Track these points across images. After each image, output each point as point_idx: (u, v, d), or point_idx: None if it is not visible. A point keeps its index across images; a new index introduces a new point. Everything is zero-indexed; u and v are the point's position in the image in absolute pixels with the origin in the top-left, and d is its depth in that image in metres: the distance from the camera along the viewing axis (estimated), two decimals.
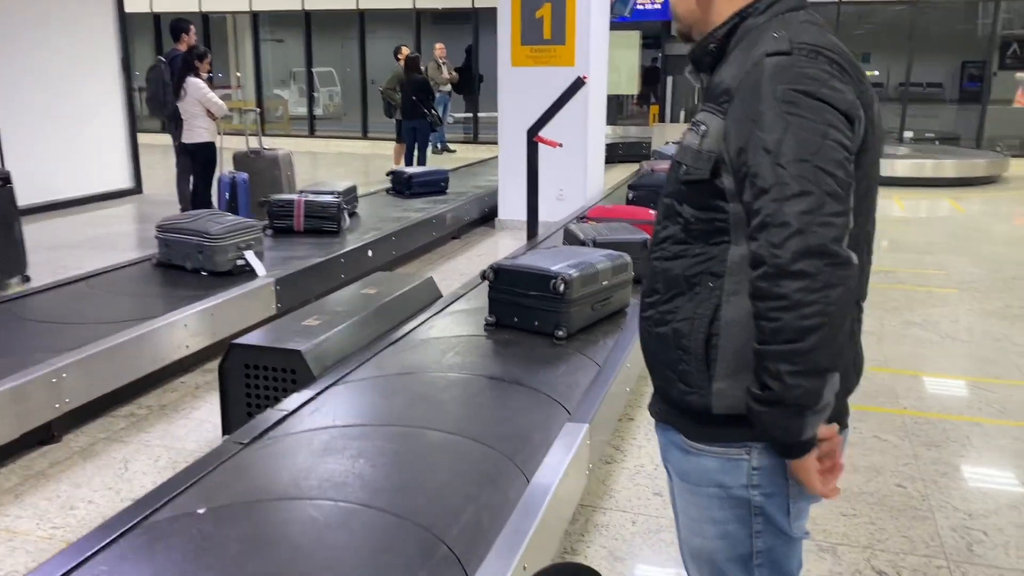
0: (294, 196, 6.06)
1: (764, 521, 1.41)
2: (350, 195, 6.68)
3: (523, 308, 3.58)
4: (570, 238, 4.65)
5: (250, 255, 4.86)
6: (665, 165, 7.26)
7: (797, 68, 1.27)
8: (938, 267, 6.46)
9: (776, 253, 1.21)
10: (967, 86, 14.50)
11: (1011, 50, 14.30)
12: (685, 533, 1.53)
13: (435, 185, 8.05)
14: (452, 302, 4.19)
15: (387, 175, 8.26)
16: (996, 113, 13.81)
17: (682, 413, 1.43)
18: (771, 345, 1.23)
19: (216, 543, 2.05)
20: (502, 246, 7.39)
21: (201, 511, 2.17)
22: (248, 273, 4.81)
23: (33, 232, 7.72)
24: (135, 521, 2.14)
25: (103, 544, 2.04)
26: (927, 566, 2.59)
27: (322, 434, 2.64)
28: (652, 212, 5.26)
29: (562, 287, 3.44)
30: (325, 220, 5.95)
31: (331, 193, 6.21)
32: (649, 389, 1.55)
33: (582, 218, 5.59)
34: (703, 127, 1.35)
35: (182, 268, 4.89)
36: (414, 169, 8.08)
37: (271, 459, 2.52)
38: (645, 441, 3.45)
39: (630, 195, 6.46)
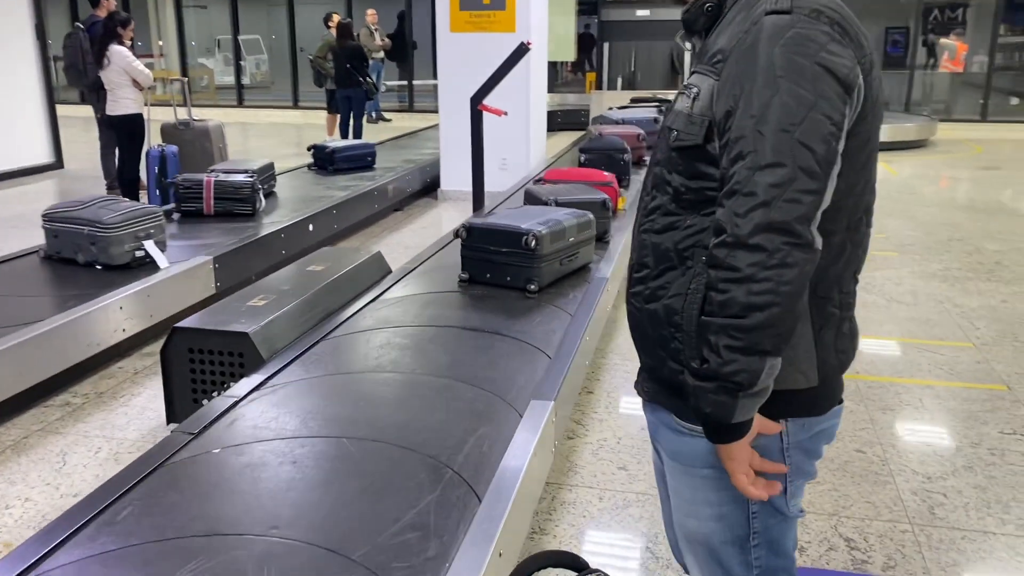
0: (202, 176, 5.49)
1: (760, 501, 1.36)
2: (266, 174, 6.16)
3: (495, 264, 3.75)
4: (531, 199, 4.71)
5: (150, 245, 4.34)
6: (613, 129, 7.39)
7: (796, 29, 1.20)
8: (878, 230, 6.56)
9: (737, 223, 1.16)
10: (891, 51, 14.82)
11: (933, 16, 14.66)
12: (678, 516, 1.48)
13: (360, 160, 7.53)
14: (424, 261, 4.32)
15: (308, 149, 7.74)
16: (921, 78, 14.16)
17: (673, 392, 1.36)
18: (716, 317, 1.19)
19: (175, 542, 1.92)
20: (446, 217, 7.26)
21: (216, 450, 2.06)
22: (151, 264, 4.46)
23: None
24: (85, 519, 2.00)
25: (49, 548, 1.90)
26: (892, 531, 2.62)
27: (272, 424, 2.52)
28: (606, 174, 5.40)
29: (533, 243, 3.63)
30: (238, 202, 5.41)
31: (244, 172, 5.66)
32: (605, 362, 1.49)
33: (539, 180, 5.62)
34: (695, 89, 1.28)
35: (74, 262, 4.31)
36: (337, 143, 7.56)
37: (224, 446, 2.39)
38: (606, 415, 3.41)
39: (582, 158, 6.53)
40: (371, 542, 1.91)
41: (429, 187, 8.03)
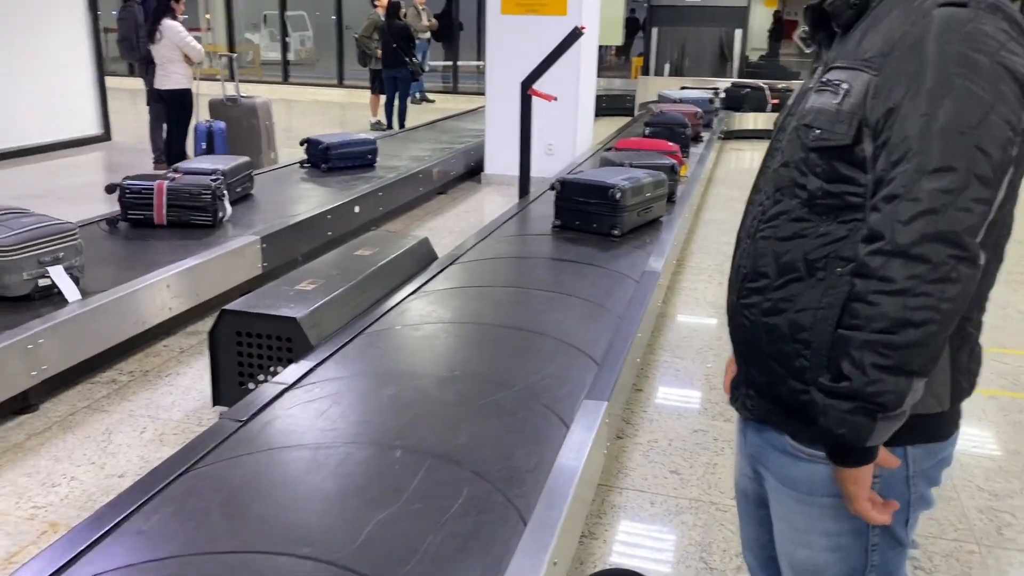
0: (151, 181, 4.57)
1: (882, 532, 1.28)
2: (239, 174, 5.21)
3: (584, 213, 4.40)
4: (608, 163, 5.28)
5: (58, 272, 3.42)
6: (673, 107, 7.92)
7: (974, 24, 1.10)
8: None
9: (898, 230, 1.07)
10: None
11: None
12: (784, 545, 1.39)
13: (359, 158, 6.56)
14: (518, 211, 5.00)
15: (300, 144, 6.72)
16: None
17: (790, 414, 1.27)
18: (860, 332, 1.10)
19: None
20: (489, 203, 7.19)
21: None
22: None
23: None
24: (131, 509, 1.96)
25: (98, 535, 1.87)
26: (958, 551, 2.50)
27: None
28: (671, 144, 6.00)
29: (618, 195, 4.28)
30: (195, 211, 4.52)
31: (208, 174, 4.73)
32: (655, 359, 1.40)
33: (609, 148, 6.30)
34: (844, 86, 1.18)
35: None
36: (332, 138, 6.55)
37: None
38: (656, 415, 3.33)
39: (647, 131, 7.04)
40: (412, 558, 1.79)
41: (473, 170, 7.95)
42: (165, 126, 7.30)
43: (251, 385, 3.09)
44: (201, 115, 7.19)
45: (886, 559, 1.31)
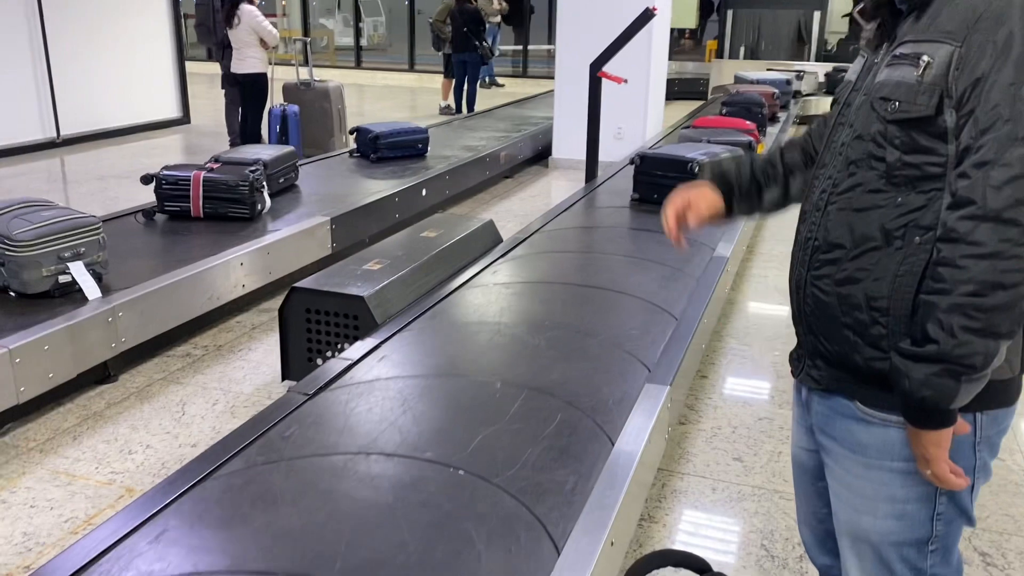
0: (189, 171, 4.42)
1: (948, 501, 1.30)
2: (282, 165, 5.10)
3: (663, 187, 4.26)
4: (686, 139, 5.55)
5: (79, 269, 3.30)
6: (750, 88, 8.11)
7: None
8: None
9: (989, 195, 1.11)
10: None
11: None
12: (849, 513, 1.38)
13: (410, 147, 6.37)
14: (585, 195, 5.04)
15: (350, 132, 6.66)
16: None
17: (863, 380, 1.29)
18: (949, 296, 1.14)
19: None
20: (556, 187, 7.17)
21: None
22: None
23: (80, 161, 7.68)
24: (200, 477, 2.03)
25: (170, 500, 1.94)
26: None
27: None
28: (748, 123, 6.23)
29: (696, 169, 4.40)
30: (232, 203, 4.37)
31: (247, 165, 4.55)
32: (721, 345, 1.40)
33: (687, 126, 6.54)
34: (925, 58, 1.19)
35: None
36: (382, 127, 6.35)
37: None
38: (720, 402, 3.29)
39: (724, 110, 7.28)
40: (515, 465, 2.06)
41: (540, 155, 7.94)
42: (241, 110, 7.47)
43: (319, 361, 3.16)
44: (275, 99, 7.34)
45: (949, 530, 1.32)
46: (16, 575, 2.24)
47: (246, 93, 7.25)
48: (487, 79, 13.69)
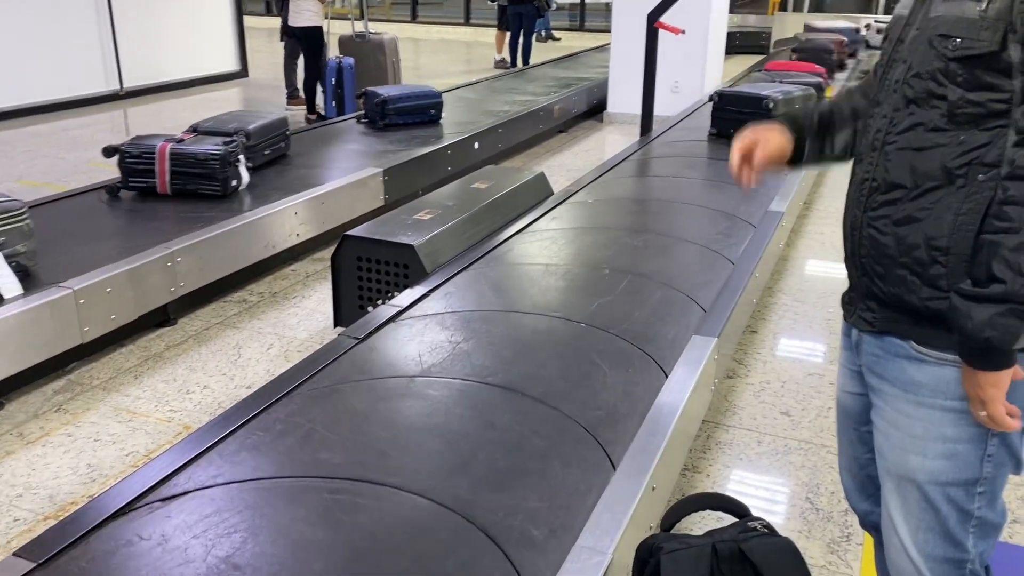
0: (155, 141, 3.98)
1: (1000, 443, 1.29)
2: (268, 135, 4.63)
3: (739, 122, 4.83)
4: (761, 79, 6.02)
5: None
6: (820, 36, 8.32)
7: None
8: None
9: None
10: None
11: None
12: (896, 453, 1.38)
13: (421, 113, 5.80)
14: (676, 123, 5.43)
15: (356, 98, 6.24)
16: None
17: (919, 320, 1.29)
18: (1017, 235, 1.13)
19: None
20: (610, 141, 7.09)
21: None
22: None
23: (143, 114, 7.84)
24: (254, 413, 2.10)
25: (225, 434, 2.01)
26: None
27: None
28: (818, 67, 6.52)
29: (771, 105, 4.79)
30: (202, 179, 3.95)
31: (229, 135, 4.23)
32: (773, 301, 1.39)
33: (759, 68, 7.28)
34: None
35: None
36: (392, 90, 5.81)
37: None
38: (770, 356, 3.25)
39: (794, 56, 7.69)
40: (627, 321, 2.57)
41: (595, 109, 7.84)
42: (299, 62, 7.52)
43: (370, 308, 3.22)
44: (331, 52, 7.37)
45: (998, 473, 1.32)
46: (81, 503, 2.35)
47: (302, 46, 7.29)
48: (543, 32, 13.53)
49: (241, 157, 4.15)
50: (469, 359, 2.36)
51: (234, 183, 4.07)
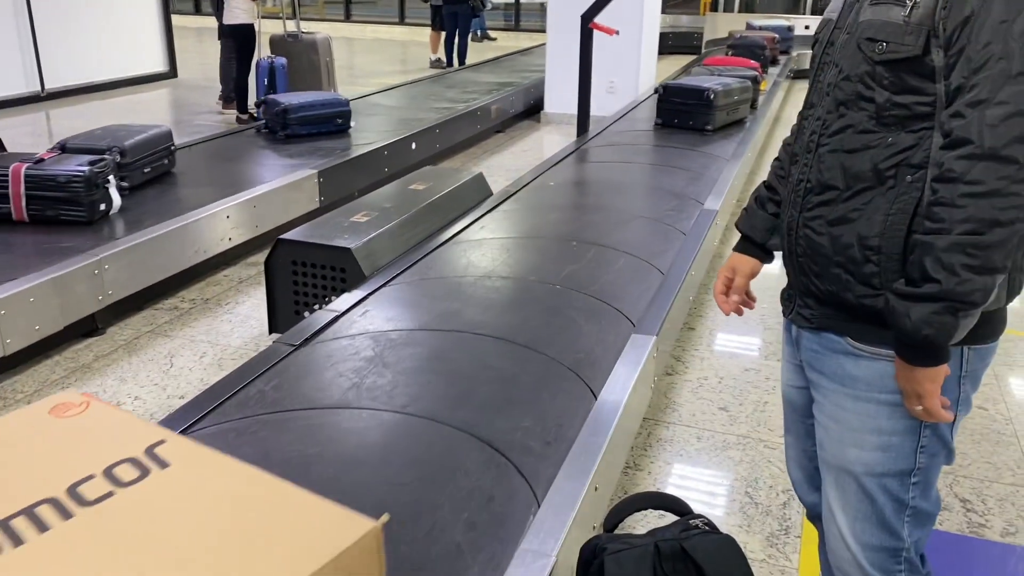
0: (8, 166, 3.51)
1: (932, 435, 1.33)
2: (149, 151, 4.20)
3: (682, 112, 5.37)
4: (700, 74, 6.30)
5: None
6: (753, 34, 8.82)
7: None
8: None
9: (986, 134, 1.11)
10: None
11: None
12: (833, 445, 1.41)
13: (326, 122, 5.40)
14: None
15: (256, 106, 5.87)
16: None
17: (854, 316, 1.32)
18: (948, 235, 1.15)
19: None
20: (548, 141, 7.12)
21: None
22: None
23: (65, 116, 7.58)
24: (185, 426, 2.04)
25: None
26: (1015, 495, 2.45)
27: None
28: (753, 62, 6.94)
29: (712, 96, 5.22)
30: (64, 204, 3.51)
31: (101, 152, 3.84)
32: (709, 299, 1.43)
33: (696, 65, 7.68)
34: None
35: None
36: (294, 98, 5.45)
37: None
38: (707, 353, 3.30)
39: (729, 52, 8.00)
40: (597, 283, 2.70)
41: (532, 109, 7.86)
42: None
43: (306, 314, 3.16)
44: (263, 51, 7.23)
45: (931, 463, 1.36)
46: None
47: (235, 45, 7.13)
48: (478, 32, 13.51)
49: (111, 178, 3.70)
50: (459, 317, 2.53)
51: (103, 207, 3.63)
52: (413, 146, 5.61)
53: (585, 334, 2.56)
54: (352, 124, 5.54)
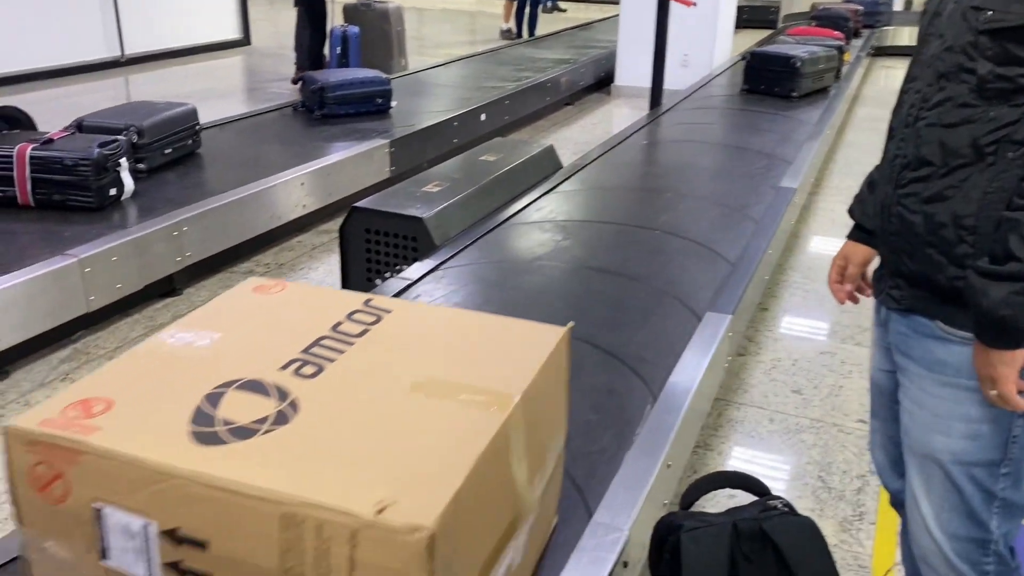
0: (13, 147, 3.31)
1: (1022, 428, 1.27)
2: (169, 132, 3.94)
3: (769, 79, 5.62)
4: (783, 44, 6.38)
5: None
6: (837, 5, 8.84)
7: None
8: None
9: None
10: None
11: None
12: (920, 433, 1.37)
13: (366, 102, 5.04)
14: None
15: (293, 83, 5.38)
16: None
17: (945, 300, 1.27)
18: None
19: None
20: (618, 115, 7.03)
21: None
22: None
23: (144, 81, 7.76)
24: None
25: None
26: None
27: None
28: (836, 32, 7.01)
29: (799, 64, 5.44)
30: (71, 189, 3.31)
31: (116, 132, 3.62)
32: (784, 279, 1.39)
33: (781, 34, 7.78)
34: None
35: None
36: (332, 75, 5.13)
37: None
38: (781, 334, 3.23)
39: (812, 23, 8.16)
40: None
41: (603, 82, 7.76)
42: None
43: (378, 281, 3.19)
44: (337, 20, 7.27)
45: (1022, 455, 1.30)
46: None
47: (307, 13, 7.18)
48: (548, 3, 13.37)
49: (123, 161, 3.46)
50: (569, 251, 2.77)
51: (113, 192, 3.40)
52: (482, 117, 5.59)
53: (687, 269, 2.77)
54: (393, 104, 5.17)
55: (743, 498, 1.70)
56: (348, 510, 0.93)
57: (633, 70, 7.26)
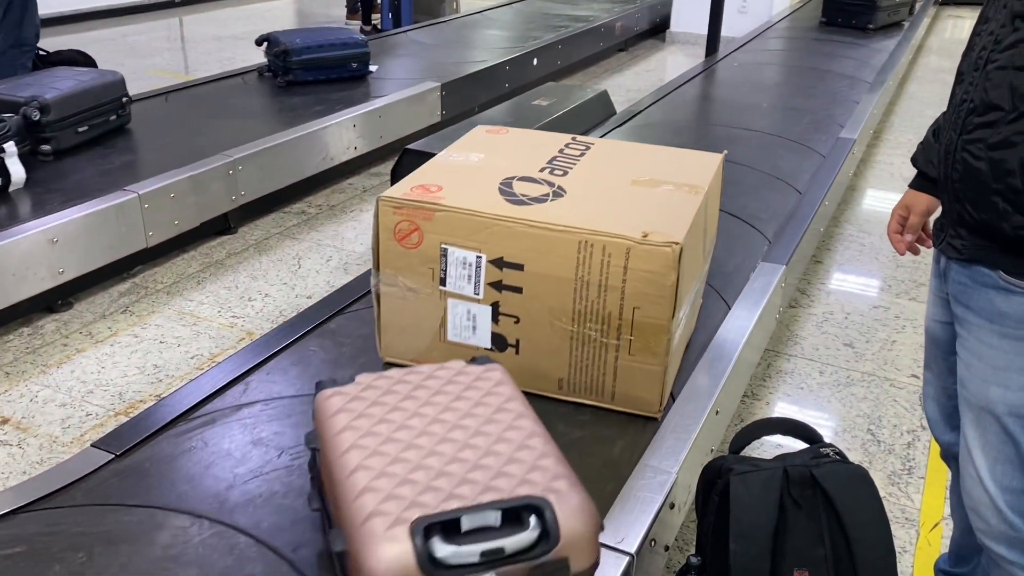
0: None
1: None
2: (85, 107, 3.33)
3: (847, 12, 6.13)
4: None
5: None
6: None
7: None
8: None
9: None
10: None
11: None
12: (977, 384, 1.34)
13: (338, 67, 4.44)
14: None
15: (257, 43, 4.53)
16: None
17: (1008, 249, 1.23)
18: None
19: None
20: (672, 62, 6.88)
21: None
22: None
23: (198, 22, 7.80)
24: (318, 322, 2.13)
25: (287, 343, 2.04)
26: None
27: None
28: None
29: None
30: None
31: (9, 108, 3.08)
32: (839, 231, 1.36)
33: None
34: None
35: None
36: (299, 36, 4.43)
37: None
38: (834, 287, 3.18)
39: None
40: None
41: (657, 28, 7.59)
42: None
43: None
44: None
45: None
46: (150, 402, 2.42)
47: None
48: None
49: (8, 146, 2.91)
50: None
51: (10, 178, 2.91)
52: (535, 62, 5.52)
53: (759, 196, 2.93)
54: (372, 68, 4.60)
55: (791, 448, 1.70)
56: (625, 235, 1.54)
57: (690, 16, 7.10)
